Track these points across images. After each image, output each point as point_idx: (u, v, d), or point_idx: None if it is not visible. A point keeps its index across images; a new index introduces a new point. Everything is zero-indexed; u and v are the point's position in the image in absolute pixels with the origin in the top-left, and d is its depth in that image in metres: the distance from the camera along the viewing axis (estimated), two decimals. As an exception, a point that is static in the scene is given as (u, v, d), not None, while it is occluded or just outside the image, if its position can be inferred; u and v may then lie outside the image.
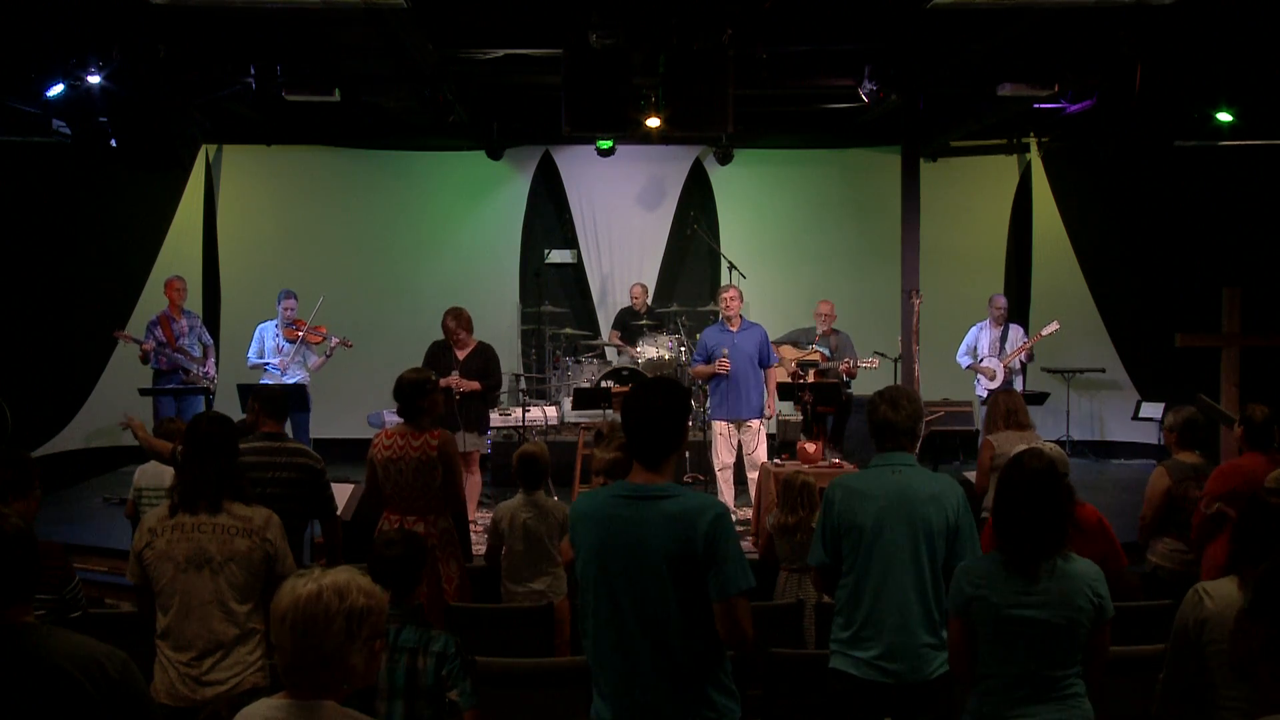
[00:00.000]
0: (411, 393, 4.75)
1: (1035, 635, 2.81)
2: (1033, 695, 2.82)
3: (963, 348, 9.23)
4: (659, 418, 2.72)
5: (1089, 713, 2.86)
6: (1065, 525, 2.94)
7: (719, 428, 7.28)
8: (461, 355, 7.08)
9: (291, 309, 8.34)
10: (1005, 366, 8.87)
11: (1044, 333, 8.91)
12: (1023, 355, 9.00)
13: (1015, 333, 9.11)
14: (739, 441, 7.26)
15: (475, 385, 6.94)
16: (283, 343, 8.26)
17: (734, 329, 7.28)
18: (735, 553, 2.63)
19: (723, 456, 7.27)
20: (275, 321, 8.33)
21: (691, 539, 2.59)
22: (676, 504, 2.65)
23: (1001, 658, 2.85)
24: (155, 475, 5.22)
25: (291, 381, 8.07)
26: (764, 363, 7.28)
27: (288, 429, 5.20)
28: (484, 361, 7.10)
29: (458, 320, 7.08)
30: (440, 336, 7.19)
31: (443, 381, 6.85)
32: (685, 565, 2.60)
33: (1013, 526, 2.89)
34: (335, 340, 8.41)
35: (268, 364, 8.23)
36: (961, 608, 2.91)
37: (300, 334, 8.27)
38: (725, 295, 7.36)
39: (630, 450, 2.77)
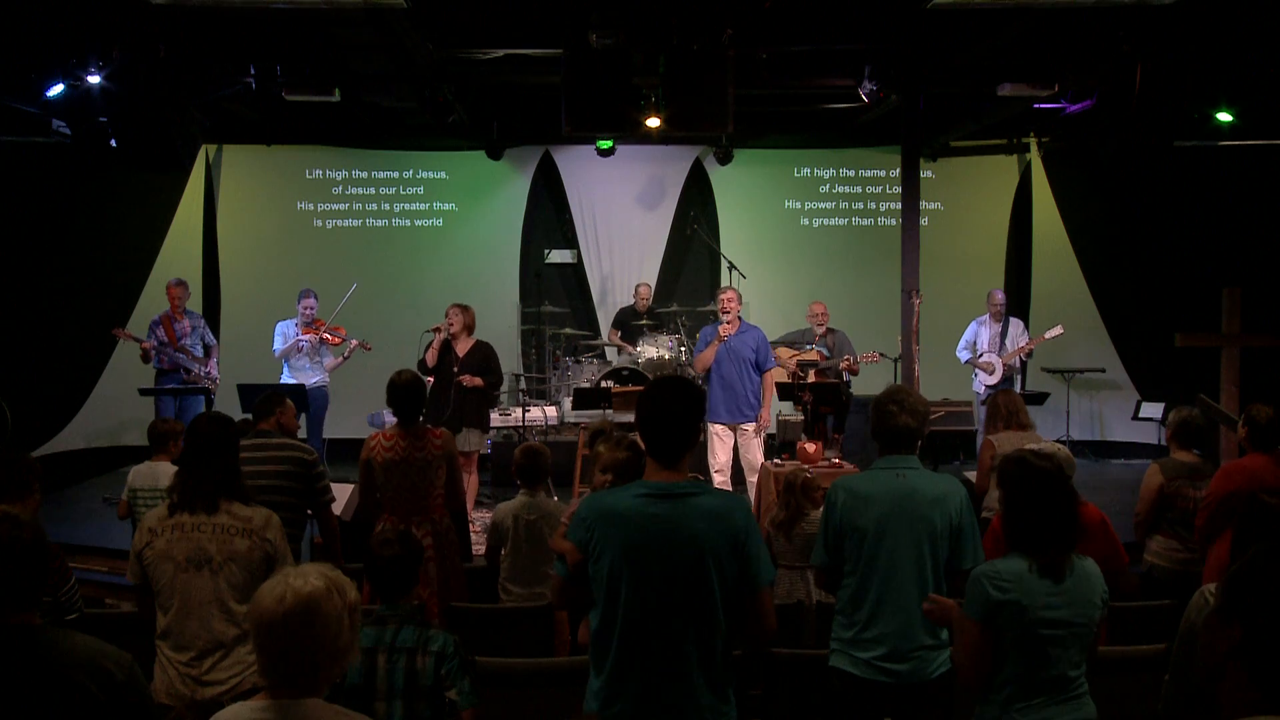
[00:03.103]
0: (407, 395, 4.74)
1: (1061, 637, 2.77)
2: (1052, 697, 2.78)
3: (962, 343, 9.21)
4: (680, 416, 2.73)
5: (1093, 710, 2.85)
6: (1077, 523, 2.93)
7: (715, 429, 7.23)
8: (461, 352, 7.11)
9: (311, 308, 8.34)
10: (1005, 364, 8.86)
11: (1047, 336, 8.88)
12: (1023, 354, 8.99)
13: (1015, 328, 9.05)
14: (735, 444, 7.25)
15: (479, 381, 6.97)
16: (302, 341, 8.27)
17: (732, 333, 7.25)
18: (763, 545, 2.72)
19: (719, 458, 7.23)
20: (294, 320, 8.33)
21: (732, 533, 2.64)
22: (710, 500, 2.70)
23: (1027, 661, 2.77)
24: (150, 476, 5.21)
25: (310, 383, 8.11)
26: (760, 366, 7.17)
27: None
28: (484, 358, 7.14)
29: (463, 315, 7.12)
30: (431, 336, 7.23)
31: (465, 380, 6.92)
32: (726, 559, 2.64)
33: (1037, 529, 2.81)
34: (354, 342, 8.41)
35: (301, 342, 8.21)
36: (987, 614, 2.78)
37: (321, 334, 8.28)
38: (723, 296, 7.34)
39: (648, 448, 2.76)
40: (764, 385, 7.22)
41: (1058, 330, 8.88)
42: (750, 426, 7.17)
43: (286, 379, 8.19)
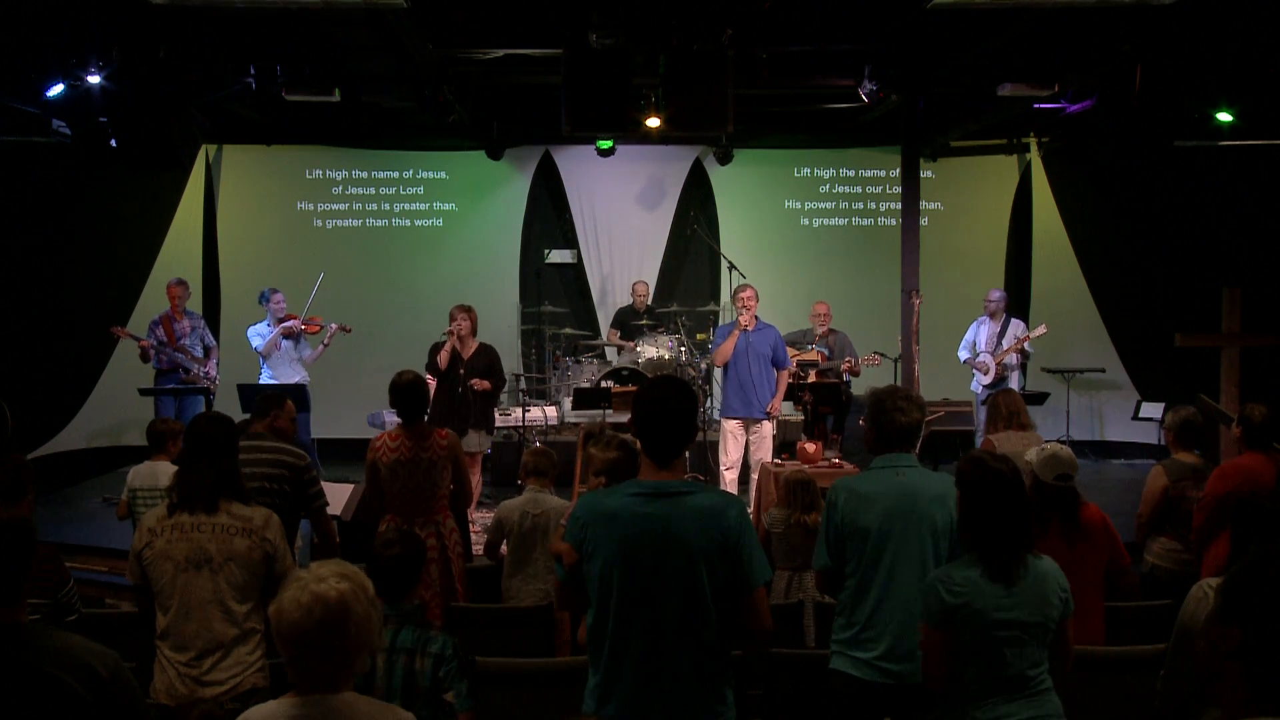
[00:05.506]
0: (410, 394, 4.75)
1: (1016, 637, 2.81)
2: (1009, 695, 2.82)
3: (963, 343, 9.20)
4: (675, 415, 2.73)
5: (1059, 707, 2.87)
6: (1032, 523, 2.95)
7: (728, 426, 7.27)
8: (466, 355, 7.14)
9: (281, 303, 8.29)
10: (999, 363, 8.84)
11: (1032, 334, 8.85)
12: (1015, 354, 8.95)
13: (1015, 327, 9.01)
14: (746, 441, 7.26)
15: (488, 385, 7.02)
16: (289, 325, 8.24)
17: (749, 329, 7.27)
18: (757, 545, 2.70)
19: (731, 455, 7.27)
20: (266, 321, 8.29)
21: (723, 532, 2.63)
22: (702, 499, 2.68)
23: (984, 662, 2.82)
24: (149, 476, 5.21)
25: (292, 382, 8.06)
26: (778, 364, 7.28)
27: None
28: (489, 361, 7.17)
29: (468, 317, 7.13)
30: (436, 338, 7.22)
31: (476, 384, 6.93)
32: (716, 559, 2.62)
33: (991, 531, 2.86)
34: (334, 326, 8.37)
35: (288, 326, 8.15)
36: (943, 618, 2.83)
37: (300, 324, 8.24)
38: (744, 295, 7.35)
39: (644, 448, 2.76)
40: (779, 380, 7.32)
41: (1041, 330, 8.83)
42: (765, 424, 7.20)
43: (266, 379, 8.13)
